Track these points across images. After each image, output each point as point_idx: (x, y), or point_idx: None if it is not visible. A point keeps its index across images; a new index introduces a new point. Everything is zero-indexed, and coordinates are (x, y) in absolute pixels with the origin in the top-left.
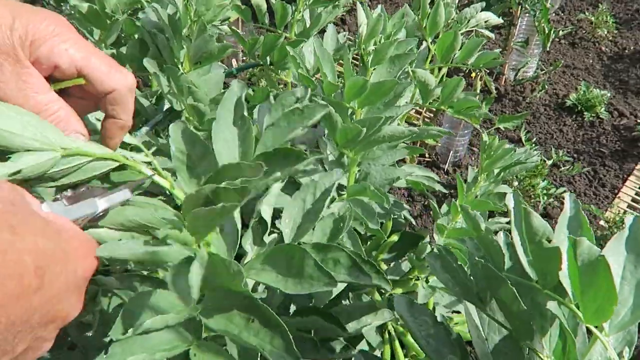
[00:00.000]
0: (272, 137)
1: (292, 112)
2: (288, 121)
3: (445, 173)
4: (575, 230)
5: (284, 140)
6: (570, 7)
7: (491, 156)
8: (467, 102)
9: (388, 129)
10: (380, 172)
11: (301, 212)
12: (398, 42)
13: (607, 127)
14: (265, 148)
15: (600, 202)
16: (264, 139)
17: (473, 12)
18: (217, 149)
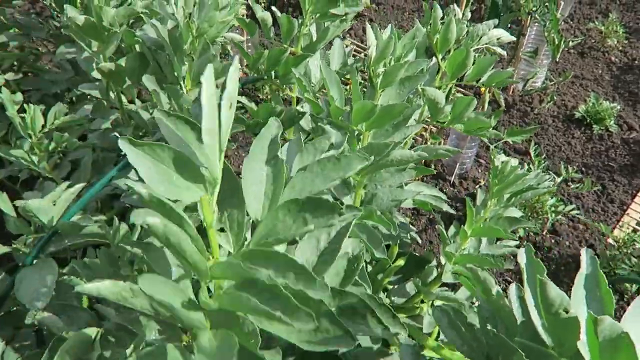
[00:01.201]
0: (301, 182)
1: (328, 160)
2: (322, 168)
3: (452, 185)
4: (592, 290)
5: (317, 189)
6: (580, 15)
7: (502, 181)
8: (477, 122)
9: (396, 153)
10: (387, 194)
11: (315, 252)
12: (409, 63)
13: (616, 140)
14: (294, 192)
15: (608, 219)
16: (294, 182)
17: (485, 29)
18: (246, 187)
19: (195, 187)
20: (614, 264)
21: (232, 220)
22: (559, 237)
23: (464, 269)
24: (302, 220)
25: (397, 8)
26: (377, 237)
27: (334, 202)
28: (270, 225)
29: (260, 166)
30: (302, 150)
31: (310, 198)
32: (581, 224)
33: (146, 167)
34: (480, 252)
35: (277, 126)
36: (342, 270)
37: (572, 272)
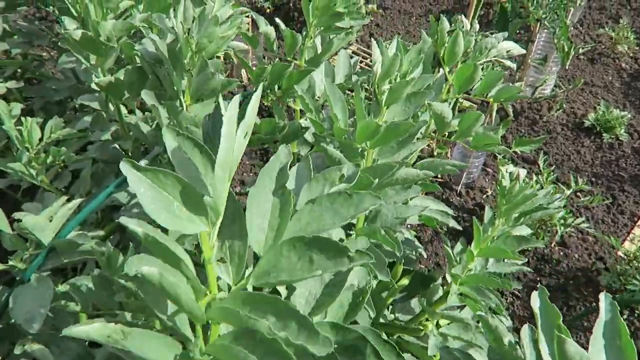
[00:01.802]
0: (309, 216)
1: (339, 195)
2: (332, 203)
3: (458, 195)
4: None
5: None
6: (590, 21)
7: (510, 202)
8: (485, 137)
9: (401, 172)
10: (391, 211)
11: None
12: (415, 80)
13: (626, 149)
14: (301, 226)
15: (619, 230)
16: (300, 215)
17: (494, 42)
18: (250, 216)
19: (197, 219)
20: (624, 279)
21: (233, 252)
22: (568, 250)
23: (470, 290)
24: (308, 259)
25: (404, 13)
26: (382, 259)
27: (343, 246)
28: (273, 261)
29: (267, 197)
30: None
31: (317, 237)
32: (591, 236)
33: (147, 193)
34: (488, 269)
35: (287, 154)
36: (347, 303)
37: (581, 286)
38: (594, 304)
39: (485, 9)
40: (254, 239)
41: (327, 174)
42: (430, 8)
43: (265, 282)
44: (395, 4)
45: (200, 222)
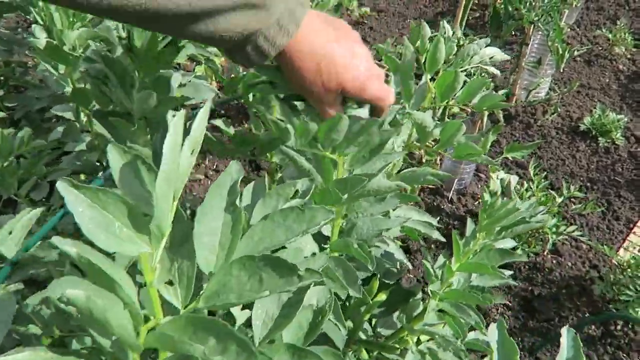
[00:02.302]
0: (261, 232)
1: (291, 210)
2: (284, 219)
3: (449, 202)
4: None
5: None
6: (587, 21)
7: (492, 216)
8: (467, 148)
9: (373, 183)
10: (368, 224)
11: (277, 303)
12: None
13: (622, 153)
14: (253, 243)
15: (614, 237)
16: (253, 231)
17: (477, 48)
18: (198, 236)
19: (139, 240)
20: (617, 289)
21: (181, 273)
22: (560, 258)
23: (449, 307)
24: (258, 278)
25: (398, 15)
26: (353, 274)
27: (293, 265)
28: (223, 281)
29: (217, 214)
30: (265, 196)
31: (267, 256)
32: (584, 243)
33: (85, 212)
34: (472, 282)
35: (238, 170)
36: (306, 323)
37: (574, 295)
38: (587, 315)
39: (481, 10)
40: (203, 259)
41: (281, 189)
42: (425, 10)
43: (214, 305)
44: (389, 6)
45: (142, 243)
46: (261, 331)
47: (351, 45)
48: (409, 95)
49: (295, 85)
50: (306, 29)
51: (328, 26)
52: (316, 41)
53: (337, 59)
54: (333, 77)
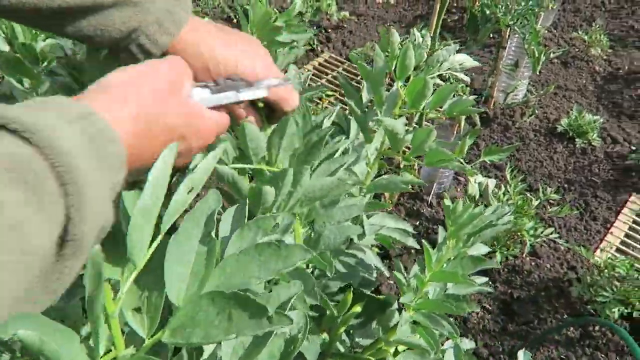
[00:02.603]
0: (235, 265)
1: (268, 246)
2: (259, 254)
3: (429, 206)
4: None
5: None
6: (564, 23)
7: (456, 222)
8: (439, 154)
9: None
10: (334, 232)
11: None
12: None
13: (599, 154)
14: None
15: (591, 238)
16: (226, 264)
17: (446, 55)
18: (170, 266)
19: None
20: (594, 290)
21: (149, 302)
22: (539, 260)
23: (423, 318)
24: (227, 316)
25: (378, 19)
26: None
27: (263, 306)
28: (190, 313)
29: (191, 244)
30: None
31: (238, 294)
32: (562, 244)
33: None
34: (448, 291)
35: (216, 200)
36: (278, 352)
37: (552, 297)
38: (565, 317)
39: (460, 13)
40: (173, 289)
41: (260, 221)
42: (404, 14)
43: (178, 341)
44: (369, 10)
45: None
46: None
47: (245, 47)
48: (381, 102)
49: None
50: (190, 31)
51: (218, 30)
52: (202, 42)
53: (227, 59)
54: (224, 76)
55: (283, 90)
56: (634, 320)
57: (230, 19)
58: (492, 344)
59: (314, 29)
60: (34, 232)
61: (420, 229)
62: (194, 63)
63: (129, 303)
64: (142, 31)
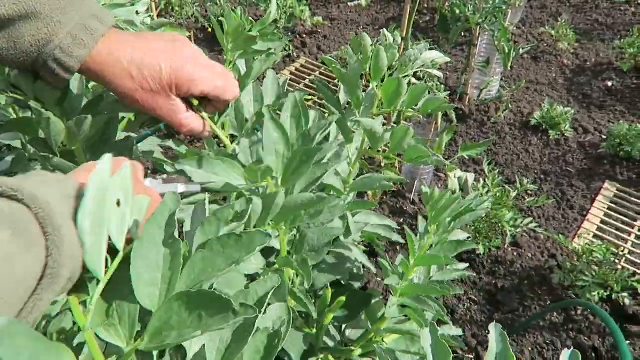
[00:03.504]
0: (202, 262)
1: (228, 237)
2: (223, 246)
3: (412, 203)
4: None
5: (219, 270)
6: (532, 19)
7: (435, 208)
8: (417, 151)
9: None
10: (318, 234)
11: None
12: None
13: (572, 144)
14: (195, 274)
15: (569, 226)
16: (193, 262)
17: (417, 53)
18: (137, 273)
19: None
20: (574, 276)
21: (122, 312)
22: (521, 250)
23: (410, 301)
24: (197, 315)
25: (351, 23)
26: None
27: (227, 300)
28: (164, 317)
29: (156, 248)
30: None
31: (202, 292)
32: (542, 233)
33: None
34: (432, 277)
35: (175, 200)
36: (262, 347)
37: (535, 285)
38: (548, 303)
39: (431, 14)
40: (146, 295)
41: (219, 213)
42: (377, 17)
43: (157, 345)
44: (342, 14)
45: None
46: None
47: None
48: (358, 103)
49: (124, 100)
50: (108, 42)
51: (137, 38)
52: (121, 52)
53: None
54: (149, 80)
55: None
56: (613, 302)
57: (205, 29)
58: (479, 334)
59: (289, 35)
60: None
61: (404, 225)
62: (116, 72)
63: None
64: (56, 45)
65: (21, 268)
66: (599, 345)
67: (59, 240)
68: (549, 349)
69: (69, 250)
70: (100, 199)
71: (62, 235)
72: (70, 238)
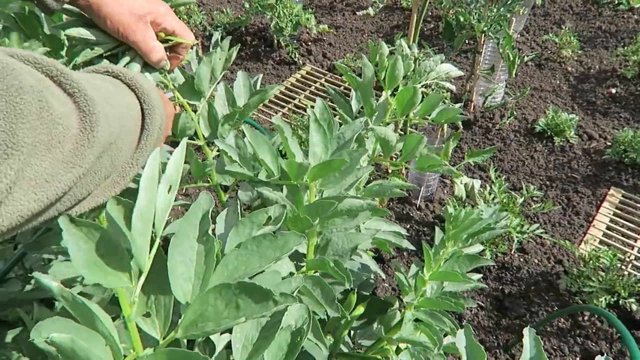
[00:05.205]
0: (236, 260)
1: (264, 238)
2: (257, 246)
3: (418, 209)
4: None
5: (252, 269)
6: (535, 27)
7: (457, 226)
8: (429, 160)
9: (345, 203)
10: (342, 239)
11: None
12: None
13: (577, 151)
14: (228, 272)
15: (575, 232)
16: (227, 260)
17: (433, 65)
18: (173, 268)
19: (121, 275)
20: (581, 282)
21: (159, 305)
22: (527, 255)
23: (424, 316)
24: (235, 305)
25: (356, 31)
26: (331, 292)
27: (267, 290)
28: (199, 310)
29: (191, 245)
30: (238, 223)
31: (242, 283)
32: (548, 239)
33: (77, 247)
34: (444, 288)
35: (208, 200)
36: (286, 344)
37: (542, 291)
38: (555, 309)
39: (435, 22)
40: (180, 289)
41: (254, 216)
42: (381, 24)
43: (193, 334)
44: (347, 22)
45: (124, 277)
46: (241, 355)
47: None
48: (371, 111)
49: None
50: None
51: None
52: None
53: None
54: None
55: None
56: (620, 308)
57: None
58: (487, 339)
59: (295, 42)
60: (134, 108)
61: (411, 232)
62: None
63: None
64: None
65: (135, 110)
66: (606, 351)
67: (149, 101)
68: (556, 355)
69: (156, 106)
70: (151, 195)
71: (151, 100)
72: (155, 97)
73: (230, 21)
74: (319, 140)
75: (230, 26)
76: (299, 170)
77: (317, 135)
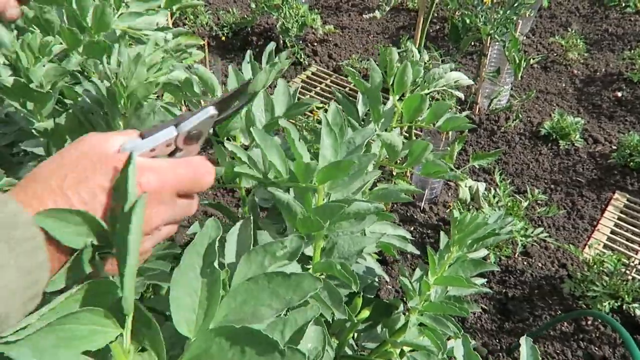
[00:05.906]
0: (245, 294)
1: (276, 275)
2: (269, 282)
3: (422, 211)
4: None
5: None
6: (541, 29)
7: (462, 231)
8: (434, 166)
9: (353, 207)
10: (348, 242)
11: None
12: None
13: (582, 154)
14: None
15: (579, 236)
16: (236, 292)
17: (442, 72)
18: (176, 296)
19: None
20: (585, 286)
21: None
22: (531, 259)
23: (429, 321)
24: (240, 349)
25: (362, 31)
26: (338, 295)
27: (274, 341)
28: (203, 346)
29: (196, 275)
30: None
31: (246, 329)
32: (552, 243)
33: None
34: (449, 292)
35: (215, 228)
36: None
37: (545, 295)
38: (559, 313)
39: (441, 23)
40: (183, 320)
41: (268, 246)
42: (387, 25)
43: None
44: (352, 22)
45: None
46: None
47: None
48: (378, 117)
49: None
50: None
51: None
52: None
53: None
54: None
55: None
56: (624, 313)
57: (218, 37)
58: (490, 343)
59: (300, 43)
60: None
61: (415, 234)
62: None
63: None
64: None
65: None
66: (609, 356)
67: None
68: (559, 359)
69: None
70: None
71: None
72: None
73: (236, 21)
74: (330, 144)
75: (237, 26)
76: (307, 171)
77: (328, 139)
